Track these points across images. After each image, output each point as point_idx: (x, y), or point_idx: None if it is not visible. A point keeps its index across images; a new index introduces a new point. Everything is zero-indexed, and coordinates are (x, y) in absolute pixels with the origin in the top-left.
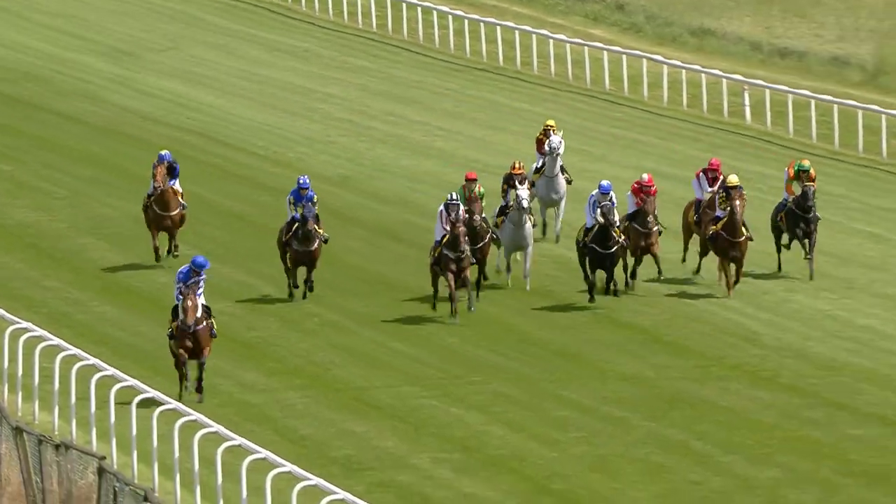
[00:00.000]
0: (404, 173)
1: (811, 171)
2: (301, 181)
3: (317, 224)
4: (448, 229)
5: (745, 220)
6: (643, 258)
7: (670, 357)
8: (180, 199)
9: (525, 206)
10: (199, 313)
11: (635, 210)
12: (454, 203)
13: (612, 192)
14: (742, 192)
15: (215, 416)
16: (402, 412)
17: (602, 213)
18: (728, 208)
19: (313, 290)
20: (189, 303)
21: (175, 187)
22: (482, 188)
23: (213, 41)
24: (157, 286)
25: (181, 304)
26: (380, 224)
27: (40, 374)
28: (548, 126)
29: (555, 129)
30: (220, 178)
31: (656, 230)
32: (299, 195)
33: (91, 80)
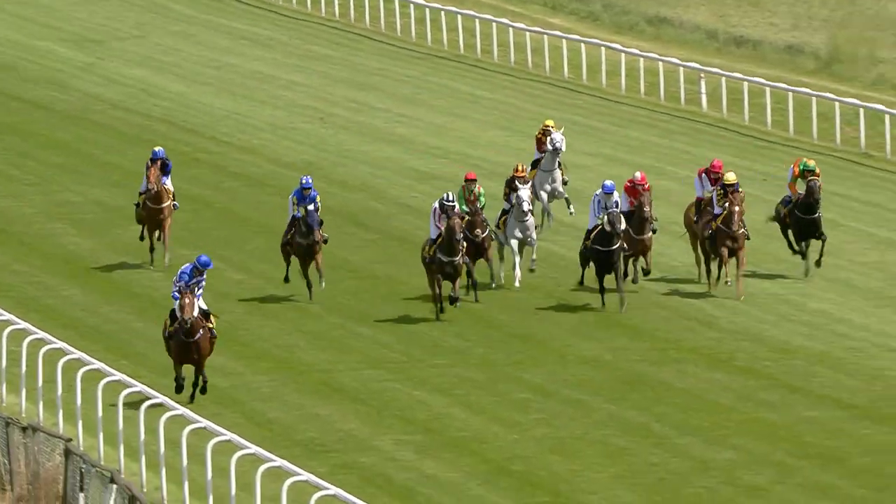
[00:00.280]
0: (366, 159)
1: (817, 170)
2: (304, 181)
3: (320, 228)
4: (441, 228)
5: (743, 218)
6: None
7: (629, 340)
8: (171, 196)
9: (525, 208)
10: (195, 312)
11: (628, 211)
12: (450, 202)
13: (616, 192)
14: (739, 189)
15: (180, 399)
16: (365, 395)
17: (609, 221)
18: (726, 204)
19: (322, 283)
20: (186, 300)
21: (167, 186)
22: (482, 188)
23: (179, 30)
24: (124, 271)
25: (179, 301)
26: (343, 210)
27: (8, 358)
28: (547, 126)
29: (554, 128)
30: (186, 164)
31: (649, 236)
32: (302, 195)
33: (58, 68)
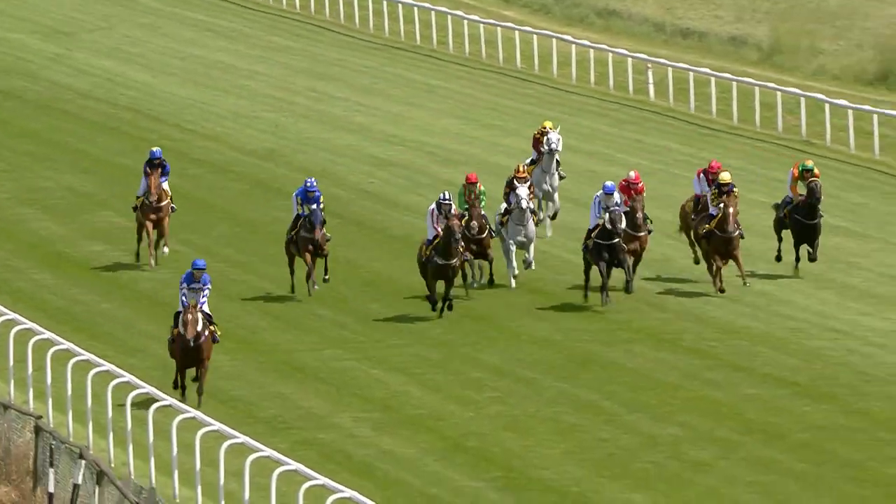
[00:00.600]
0: (326, 146)
1: (815, 171)
2: (308, 183)
3: (323, 227)
4: (439, 229)
5: (738, 217)
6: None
7: (580, 321)
8: (169, 197)
9: (524, 205)
10: (199, 327)
11: (623, 210)
12: (446, 202)
13: (617, 194)
14: (734, 189)
15: (147, 378)
16: (325, 374)
17: (610, 220)
18: (720, 205)
19: (328, 280)
20: (189, 317)
21: (164, 188)
22: (482, 186)
23: (145, 22)
24: (93, 255)
25: (182, 317)
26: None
27: None
28: (545, 127)
29: (552, 129)
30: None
31: (645, 235)
32: (307, 196)
33: (29, 59)
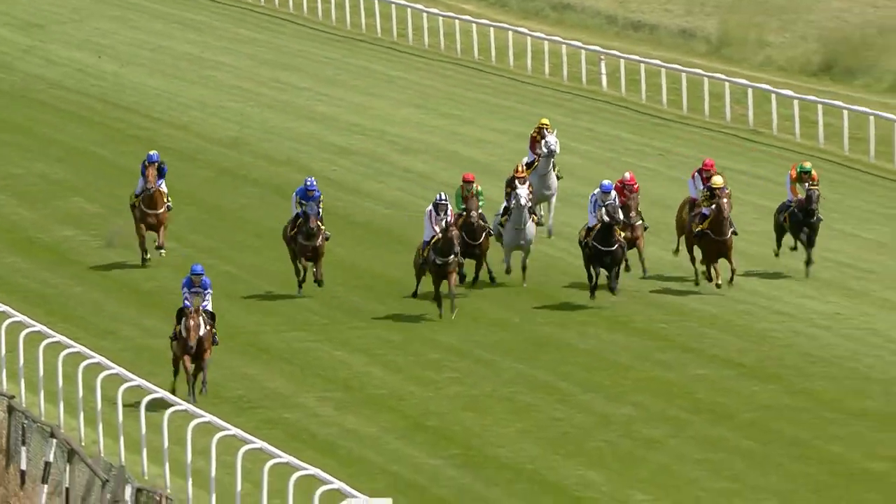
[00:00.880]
0: (290, 135)
1: (813, 172)
2: (308, 183)
3: (319, 221)
4: (438, 231)
5: (731, 218)
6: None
7: (536, 304)
8: (166, 199)
9: (523, 203)
10: (201, 332)
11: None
12: (443, 203)
13: (614, 192)
14: (726, 191)
15: (117, 360)
16: (289, 355)
17: (607, 212)
18: (713, 206)
19: (322, 285)
20: (191, 322)
21: (162, 188)
22: (479, 186)
23: (115, 14)
24: (64, 240)
25: (184, 322)
26: (269, 182)
27: None
28: (542, 125)
29: (549, 128)
30: (121, 140)
31: (640, 224)
32: (306, 195)
33: (3, 51)
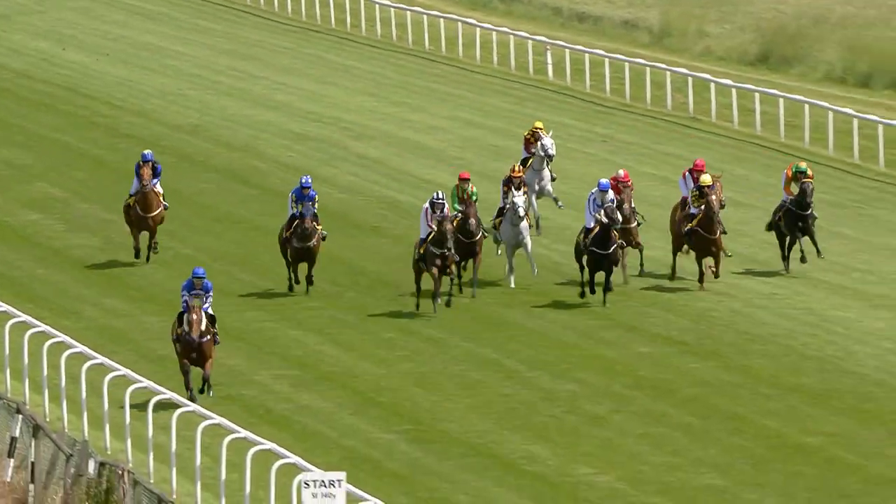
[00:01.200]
0: (248, 122)
1: (808, 172)
2: (303, 181)
3: (315, 222)
4: (433, 227)
5: (720, 217)
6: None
7: (484, 285)
8: (161, 199)
9: (521, 213)
10: (203, 326)
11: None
12: (439, 201)
13: (611, 191)
14: (715, 190)
15: (81, 339)
16: (246, 334)
17: (606, 213)
18: (702, 206)
19: (312, 284)
20: (194, 316)
21: (157, 189)
22: (474, 187)
23: (78, 5)
24: (29, 223)
25: (186, 316)
26: (227, 168)
27: None
28: (536, 128)
29: (543, 130)
30: (85, 126)
31: (635, 224)
32: (301, 194)
33: None
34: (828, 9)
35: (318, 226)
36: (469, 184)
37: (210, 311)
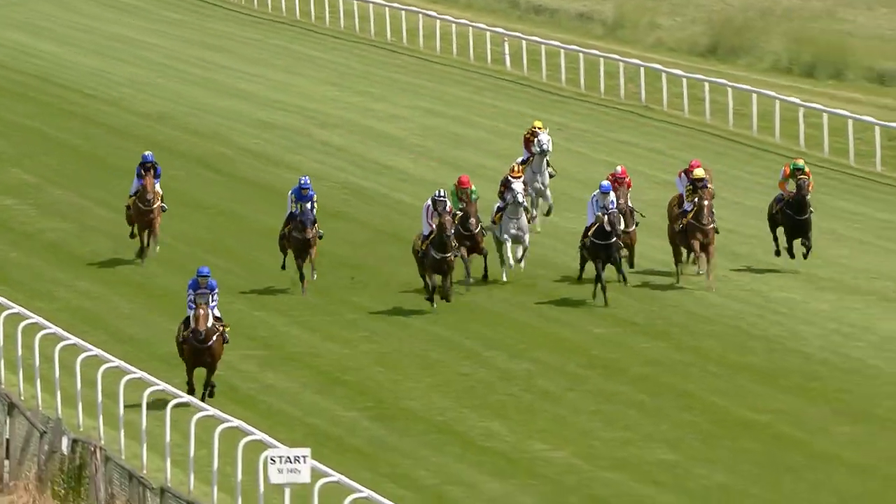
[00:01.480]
0: (215, 111)
1: (806, 169)
2: (302, 181)
3: (315, 225)
4: (434, 226)
5: (713, 211)
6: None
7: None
8: (160, 200)
9: (520, 199)
10: (209, 322)
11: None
12: (441, 199)
13: (612, 193)
14: (708, 184)
15: (53, 319)
16: None
17: (609, 222)
18: (696, 199)
19: (315, 276)
20: (200, 311)
21: (157, 189)
22: (473, 186)
23: None
24: (2, 209)
25: (193, 312)
26: (195, 154)
27: None
28: (536, 127)
29: (542, 130)
30: (57, 115)
31: (633, 227)
32: (300, 194)
33: None
34: (774, 1)
35: (316, 226)
36: (468, 190)
37: (216, 311)
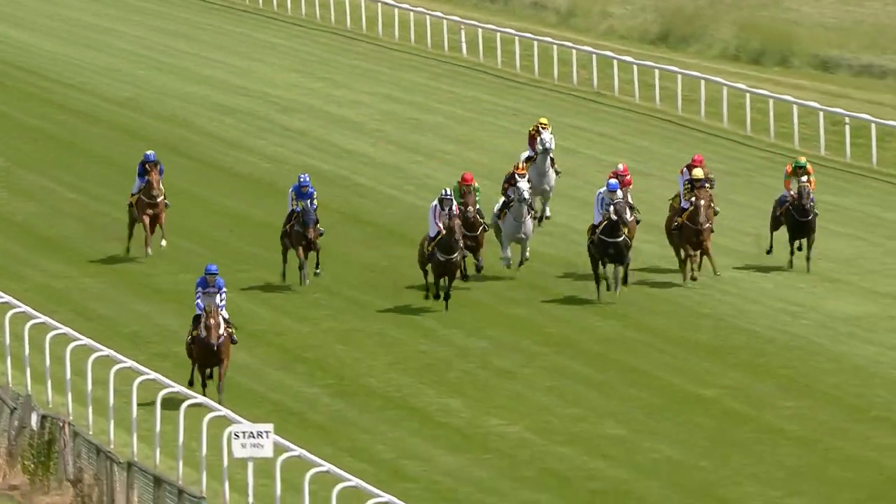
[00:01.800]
0: (179, 95)
1: (808, 167)
2: (302, 179)
3: (316, 225)
4: (441, 226)
5: (709, 211)
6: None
7: (404, 249)
8: (163, 196)
9: (526, 196)
10: (221, 331)
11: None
12: (447, 198)
13: (619, 191)
14: (706, 184)
15: (23, 299)
16: (177, 295)
17: (615, 211)
18: (693, 199)
19: (305, 278)
20: (212, 321)
21: (160, 187)
22: (475, 183)
23: None
24: None
25: (204, 321)
26: (158, 138)
27: None
28: (540, 123)
29: (546, 126)
30: (27, 100)
31: (633, 219)
32: (300, 192)
33: None
34: None
35: (319, 226)
36: (471, 187)
37: (224, 312)
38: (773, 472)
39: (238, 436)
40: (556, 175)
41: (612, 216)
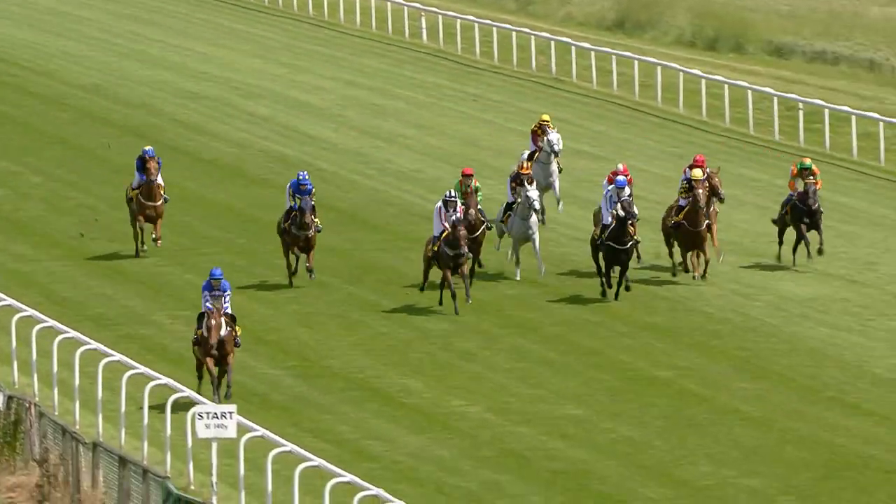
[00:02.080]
0: (144, 81)
1: (813, 168)
2: (301, 177)
3: (313, 215)
4: (447, 227)
5: (707, 210)
6: None
7: (365, 233)
8: (162, 192)
9: (537, 207)
10: (222, 332)
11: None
12: (452, 199)
13: (628, 188)
14: (705, 184)
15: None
16: (144, 278)
17: (623, 207)
18: (690, 198)
19: (313, 272)
20: (213, 322)
21: (159, 181)
22: (477, 182)
23: None
24: None
25: (205, 321)
26: (125, 124)
27: None
28: (543, 121)
29: (550, 125)
30: None
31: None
32: (299, 188)
33: None
34: None
35: (316, 219)
36: (472, 179)
37: (229, 310)
38: (728, 452)
39: (202, 416)
40: (560, 171)
41: (620, 212)
